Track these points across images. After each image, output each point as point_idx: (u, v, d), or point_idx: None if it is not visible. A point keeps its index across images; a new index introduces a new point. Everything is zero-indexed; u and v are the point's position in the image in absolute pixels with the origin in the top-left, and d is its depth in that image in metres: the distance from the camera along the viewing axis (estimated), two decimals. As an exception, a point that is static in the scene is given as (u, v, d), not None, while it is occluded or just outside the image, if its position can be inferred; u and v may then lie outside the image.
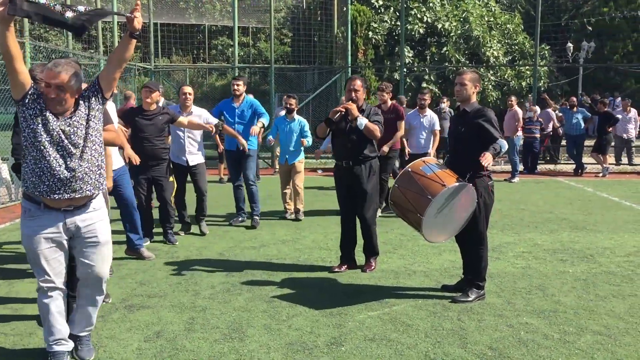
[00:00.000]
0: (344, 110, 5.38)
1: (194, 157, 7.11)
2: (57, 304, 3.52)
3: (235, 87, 7.70)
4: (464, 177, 4.60)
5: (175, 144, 7.08)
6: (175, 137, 7.05)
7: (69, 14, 3.13)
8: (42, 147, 3.29)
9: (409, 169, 4.72)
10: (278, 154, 13.68)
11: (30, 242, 3.41)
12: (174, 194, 7.35)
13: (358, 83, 5.54)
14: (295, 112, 8.33)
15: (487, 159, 4.45)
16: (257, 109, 7.78)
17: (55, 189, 3.33)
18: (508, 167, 13.35)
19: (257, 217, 7.84)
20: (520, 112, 13.09)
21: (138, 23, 3.29)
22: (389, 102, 8.42)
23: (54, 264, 3.47)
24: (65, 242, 3.48)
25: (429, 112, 8.81)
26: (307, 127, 8.33)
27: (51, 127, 3.32)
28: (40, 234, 3.40)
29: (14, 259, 6.14)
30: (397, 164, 9.06)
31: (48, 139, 3.31)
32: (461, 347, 3.91)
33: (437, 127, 8.79)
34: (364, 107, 5.56)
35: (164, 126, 6.49)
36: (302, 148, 8.28)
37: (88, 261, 3.54)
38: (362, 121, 5.38)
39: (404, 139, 8.73)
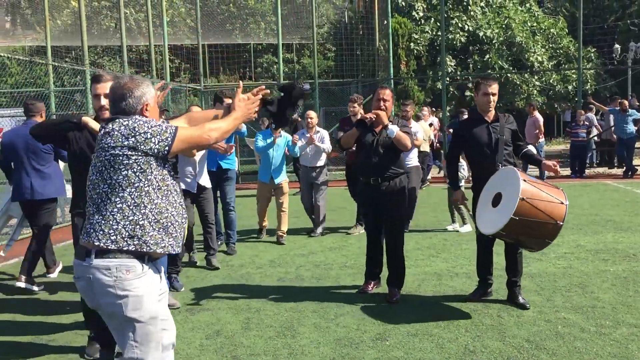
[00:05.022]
0: (374, 116, 5.10)
1: (204, 179, 6.28)
2: None
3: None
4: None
5: (181, 166, 5.88)
6: (182, 158, 5.82)
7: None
8: (169, 192, 2.72)
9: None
10: None
11: (152, 307, 2.67)
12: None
13: (387, 92, 5.29)
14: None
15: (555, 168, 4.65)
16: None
17: (179, 240, 2.79)
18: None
19: (233, 245, 7.26)
20: (541, 119, 13.23)
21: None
22: (360, 115, 8.04)
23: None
24: None
25: (413, 125, 8.38)
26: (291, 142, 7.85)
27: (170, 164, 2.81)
28: (157, 295, 2.74)
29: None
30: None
31: (172, 179, 2.77)
32: (500, 340, 4.14)
33: (420, 137, 8.45)
34: (391, 118, 5.27)
35: None
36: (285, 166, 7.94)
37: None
38: (393, 129, 5.04)
39: None
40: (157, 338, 2.72)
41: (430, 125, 13.36)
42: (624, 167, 14.27)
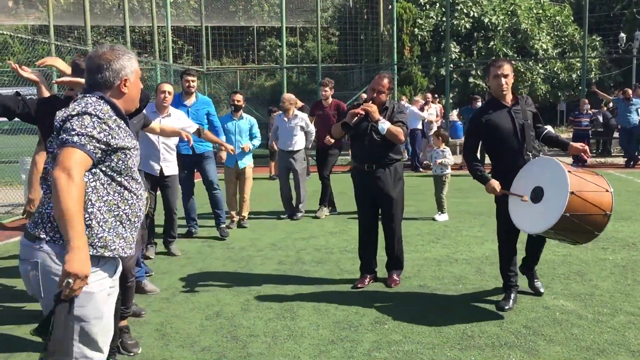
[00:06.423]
0: (363, 113, 4.88)
1: (169, 165, 5.95)
2: None
3: (191, 83, 6.83)
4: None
5: (146, 148, 5.59)
6: (146, 140, 5.68)
7: None
8: (123, 188, 2.44)
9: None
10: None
11: (100, 306, 2.40)
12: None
13: (384, 83, 4.97)
14: (242, 109, 7.63)
15: (584, 148, 4.41)
16: (210, 111, 7.08)
17: (131, 241, 2.49)
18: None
19: (224, 226, 7.15)
20: None
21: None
22: (331, 99, 8.38)
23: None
24: None
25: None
26: (256, 127, 7.66)
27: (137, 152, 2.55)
28: (107, 293, 2.44)
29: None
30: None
31: (134, 170, 2.50)
32: (497, 325, 4.17)
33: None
34: (387, 104, 5.06)
35: (137, 130, 4.78)
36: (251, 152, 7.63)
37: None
38: (384, 125, 4.86)
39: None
40: (97, 339, 2.42)
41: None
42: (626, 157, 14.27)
